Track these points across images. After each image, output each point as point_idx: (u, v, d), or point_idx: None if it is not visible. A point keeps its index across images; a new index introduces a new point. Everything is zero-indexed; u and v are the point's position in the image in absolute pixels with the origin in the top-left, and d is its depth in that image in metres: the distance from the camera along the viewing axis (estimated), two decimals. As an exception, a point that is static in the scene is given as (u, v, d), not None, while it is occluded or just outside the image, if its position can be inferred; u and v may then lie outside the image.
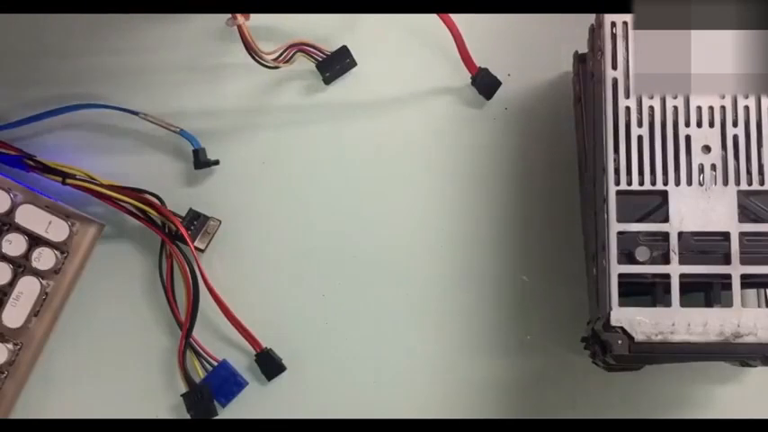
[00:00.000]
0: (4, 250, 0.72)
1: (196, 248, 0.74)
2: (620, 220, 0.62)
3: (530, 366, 0.74)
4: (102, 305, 0.75)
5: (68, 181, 0.73)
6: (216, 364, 0.74)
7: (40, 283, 0.72)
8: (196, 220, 0.75)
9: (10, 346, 0.72)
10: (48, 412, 0.75)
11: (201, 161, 0.75)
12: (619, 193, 0.62)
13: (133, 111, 0.75)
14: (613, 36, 0.64)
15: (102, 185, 0.73)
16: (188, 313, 0.73)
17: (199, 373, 0.73)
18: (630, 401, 0.73)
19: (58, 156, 0.75)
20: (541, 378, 0.74)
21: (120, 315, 0.75)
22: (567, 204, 0.74)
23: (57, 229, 0.73)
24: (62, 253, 0.74)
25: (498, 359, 0.74)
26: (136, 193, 0.74)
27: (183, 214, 0.75)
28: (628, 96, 0.63)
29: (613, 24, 0.64)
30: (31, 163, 0.74)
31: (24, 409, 0.74)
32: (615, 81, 0.64)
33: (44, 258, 0.72)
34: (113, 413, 0.74)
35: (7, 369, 0.73)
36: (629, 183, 0.62)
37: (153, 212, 0.73)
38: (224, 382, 0.74)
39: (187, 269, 0.73)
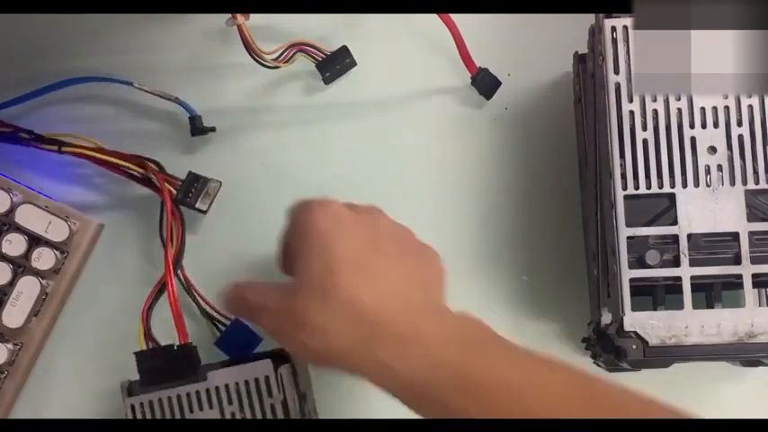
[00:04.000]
0: (4, 250, 0.70)
1: (198, 210, 0.71)
2: (628, 225, 0.60)
3: (530, 366, 0.70)
4: (102, 305, 0.73)
5: (64, 149, 0.70)
6: (228, 323, 0.70)
7: (40, 283, 0.70)
8: (196, 183, 0.71)
9: (10, 346, 0.70)
10: (48, 412, 0.72)
11: (198, 128, 0.72)
12: (626, 197, 0.61)
13: (127, 81, 0.72)
14: (614, 40, 0.62)
15: (98, 149, 0.70)
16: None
17: (215, 334, 0.71)
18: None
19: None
20: (542, 378, 0.70)
21: (120, 315, 0.72)
22: (568, 204, 0.72)
23: (56, 229, 0.70)
24: (62, 253, 0.71)
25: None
26: (134, 157, 0.71)
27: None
28: (631, 101, 0.62)
29: (613, 29, 0.62)
30: (25, 136, 0.71)
31: (24, 409, 0.72)
32: (618, 86, 0.62)
33: (44, 258, 0.70)
34: (113, 413, 0.71)
35: (7, 369, 0.71)
36: (636, 187, 0.61)
37: (152, 176, 0.71)
38: (240, 339, 0.70)
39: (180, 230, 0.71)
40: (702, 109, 0.61)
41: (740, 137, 0.61)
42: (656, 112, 0.61)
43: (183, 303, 0.69)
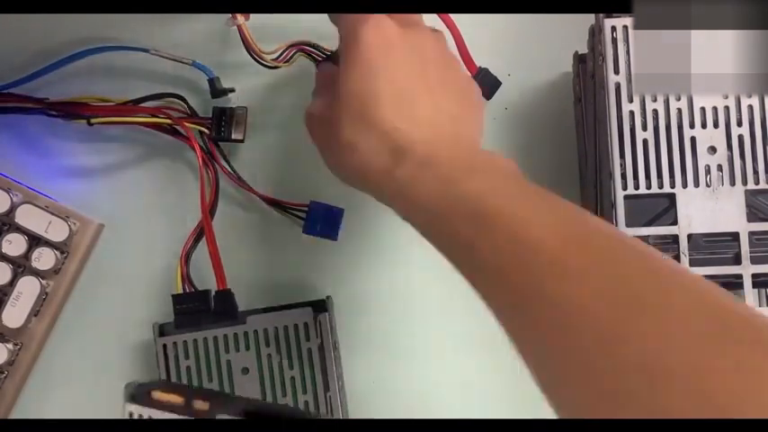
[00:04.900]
0: (4, 250, 0.70)
1: (236, 140, 0.71)
2: (628, 225, 0.60)
3: (530, 366, 0.70)
4: (102, 305, 0.73)
5: (93, 121, 0.71)
6: (306, 208, 0.71)
7: (40, 283, 0.70)
8: (224, 116, 0.72)
9: (10, 346, 0.70)
10: (47, 412, 0.72)
11: (218, 89, 0.72)
12: (626, 197, 0.61)
13: (143, 48, 0.71)
14: (614, 40, 0.62)
15: (121, 108, 0.71)
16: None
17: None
18: (630, 401, 0.69)
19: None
20: (542, 378, 0.70)
21: (121, 315, 0.72)
22: (567, 204, 0.70)
23: (57, 229, 0.70)
24: (62, 253, 0.71)
25: (498, 359, 0.70)
26: (156, 108, 0.71)
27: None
28: (631, 101, 0.61)
29: (614, 29, 0.62)
30: (54, 113, 0.71)
31: (24, 409, 0.72)
32: (618, 86, 0.61)
33: (44, 258, 0.70)
34: (114, 413, 0.68)
35: (7, 369, 0.70)
36: (636, 187, 0.61)
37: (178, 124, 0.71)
38: (323, 217, 0.71)
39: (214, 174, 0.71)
40: (702, 109, 0.61)
41: (740, 137, 0.60)
42: (656, 112, 0.61)
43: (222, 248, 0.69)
